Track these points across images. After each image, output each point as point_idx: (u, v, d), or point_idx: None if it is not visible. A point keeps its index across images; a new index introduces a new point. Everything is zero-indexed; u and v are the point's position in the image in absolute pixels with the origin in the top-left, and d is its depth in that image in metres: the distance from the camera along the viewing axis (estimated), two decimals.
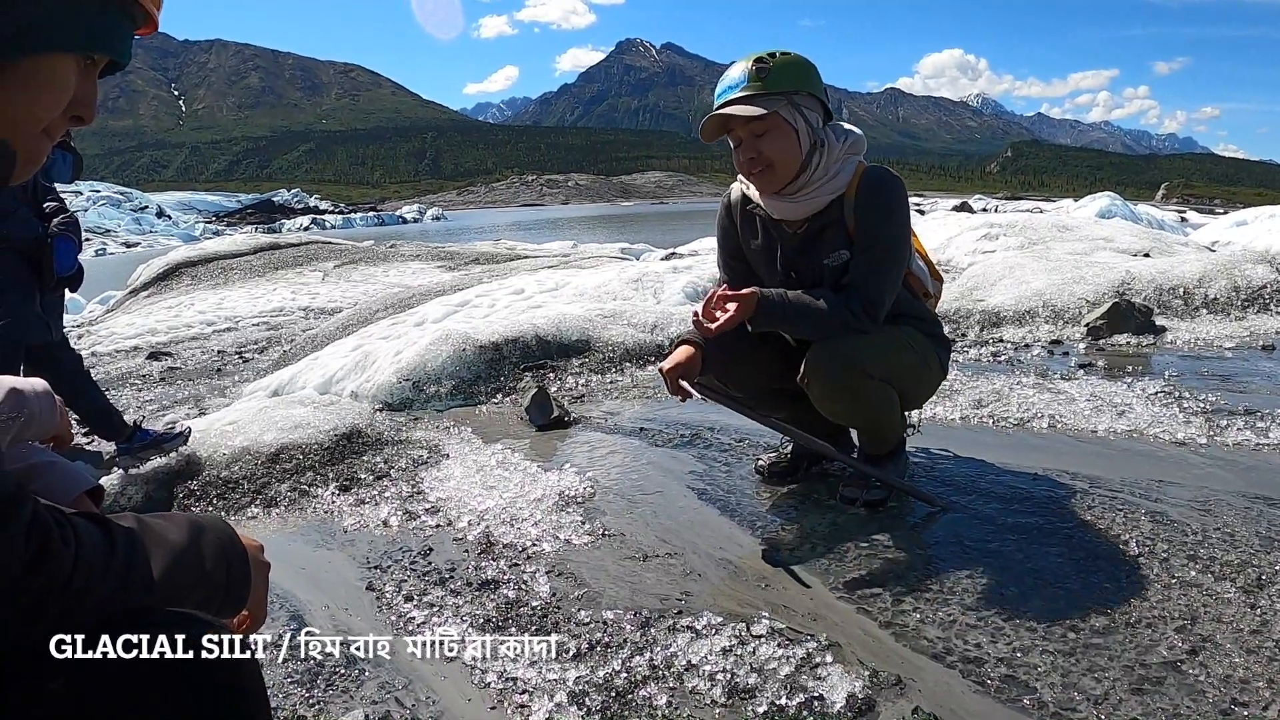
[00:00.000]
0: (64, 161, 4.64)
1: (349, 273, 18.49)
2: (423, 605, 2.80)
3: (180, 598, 1.20)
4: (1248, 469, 3.40)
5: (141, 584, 1.15)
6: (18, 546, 1.01)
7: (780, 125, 2.99)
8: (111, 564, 1.11)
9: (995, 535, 2.94)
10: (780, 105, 2.98)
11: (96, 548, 1.10)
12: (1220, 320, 6.14)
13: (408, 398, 5.49)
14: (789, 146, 3.01)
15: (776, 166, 3.04)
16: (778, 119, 2.99)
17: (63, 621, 1.07)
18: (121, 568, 1.12)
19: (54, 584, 1.04)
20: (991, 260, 8.12)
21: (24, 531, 1.02)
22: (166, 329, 12.94)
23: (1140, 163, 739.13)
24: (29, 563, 1.02)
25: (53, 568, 1.04)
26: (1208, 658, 2.18)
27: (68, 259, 4.53)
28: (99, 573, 1.09)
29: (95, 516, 1.16)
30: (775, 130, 3.00)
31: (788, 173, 3.06)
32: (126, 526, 1.18)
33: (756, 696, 2.16)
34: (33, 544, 1.02)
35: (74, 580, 1.06)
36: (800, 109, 3.01)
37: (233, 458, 4.38)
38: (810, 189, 3.08)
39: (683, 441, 4.23)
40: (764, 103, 2.96)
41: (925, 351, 3.23)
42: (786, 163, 3.03)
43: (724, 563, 2.93)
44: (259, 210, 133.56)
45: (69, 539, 1.07)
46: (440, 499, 3.72)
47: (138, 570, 1.15)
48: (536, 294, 8.53)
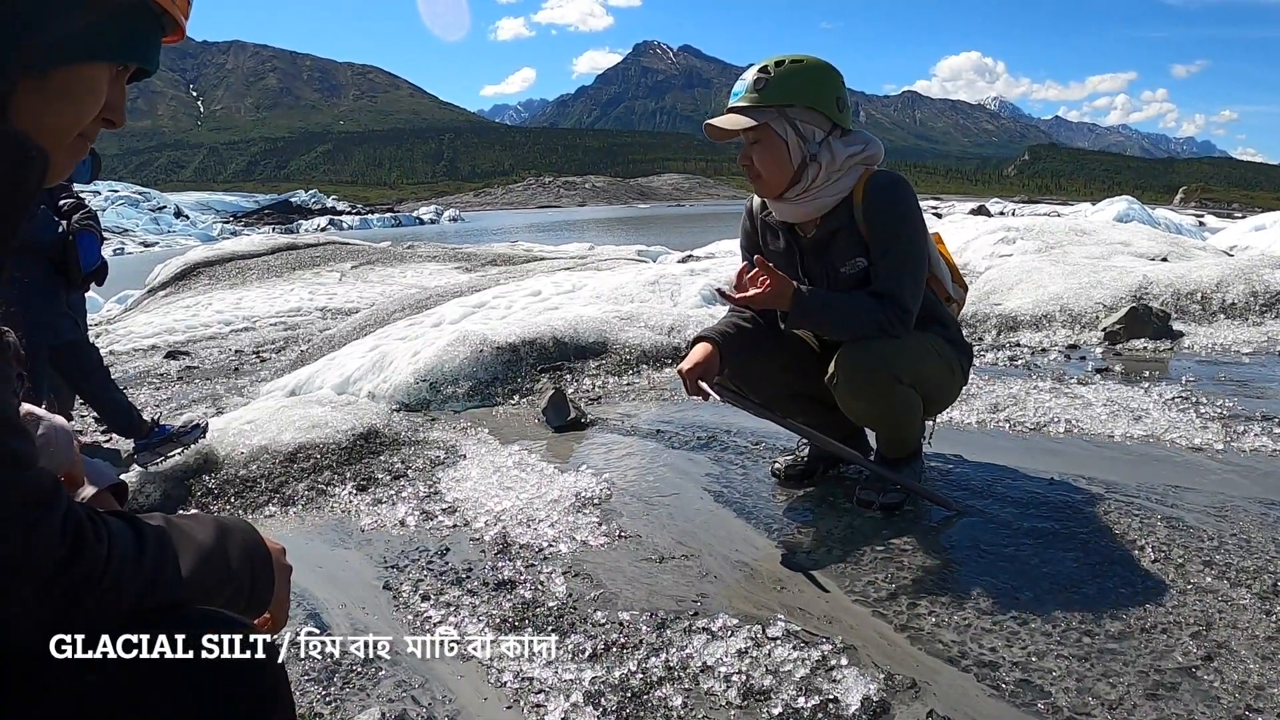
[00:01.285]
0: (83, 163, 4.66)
1: (366, 273, 18.56)
2: (439, 605, 2.81)
3: (207, 598, 1.21)
4: (1265, 475, 3.38)
5: (169, 583, 1.16)
6: (54, 541, 1.03)
7: (770, 138, 3.02)
8: (142, 562, 1.13)
9: (1011, 539, 2.94)
10: (771, 118, 3.00)
11: (127, 546, 1.12)
12: (1238, 325, 6.11)
13: (425, 398, 5.51)
14: (778, 159, 3.04)
15: (765, 177, 3.08)
16: (768, 130, 3.02)
17: (94, 618, 1.08)
18: (151, 566, 1.14)
19: (88, 580, 1.06)
20: (1009, 264, 8.11)
21: (59, 526, 1.04)
22: (184, 328, 13.02)
23: (1158, 166, 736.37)
24: (64, 558, 1.03)
25: (86, 563, 1.06)
26: (1223, 664, 2.17)
27: (91, 254, 4.58)
28: (130, 570, 1.11)
29: (125, 515, 1.18)
30: (765, 142, 3.03)
31: (777, 183, 3.08)
32: (156, 525, 1.20)
33: (772, 698, 2.17)
34: (67, 539, 1.04)
35: (106, 577, 1.08)
36: (793, 122, 3.02)
37: (251, 456, 4.41)
38: (808, 194, 3.09)
39: (699, 444, 4.24)
40: (755, 115, 3.01)
41: (950, 358, 3.23)
42: (774, 174, 3.06)
43: (740, 565, 2.94)
44: (276, 211, 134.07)
45: (101, 536, 1.09)
46: (457, 499, 3.74)
47: (166, 569, 1.16)
48: (553, 295, 8.56)
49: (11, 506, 1.01)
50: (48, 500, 1.05)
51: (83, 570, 1.06)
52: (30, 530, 1.02)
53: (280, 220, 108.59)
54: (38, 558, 1.02)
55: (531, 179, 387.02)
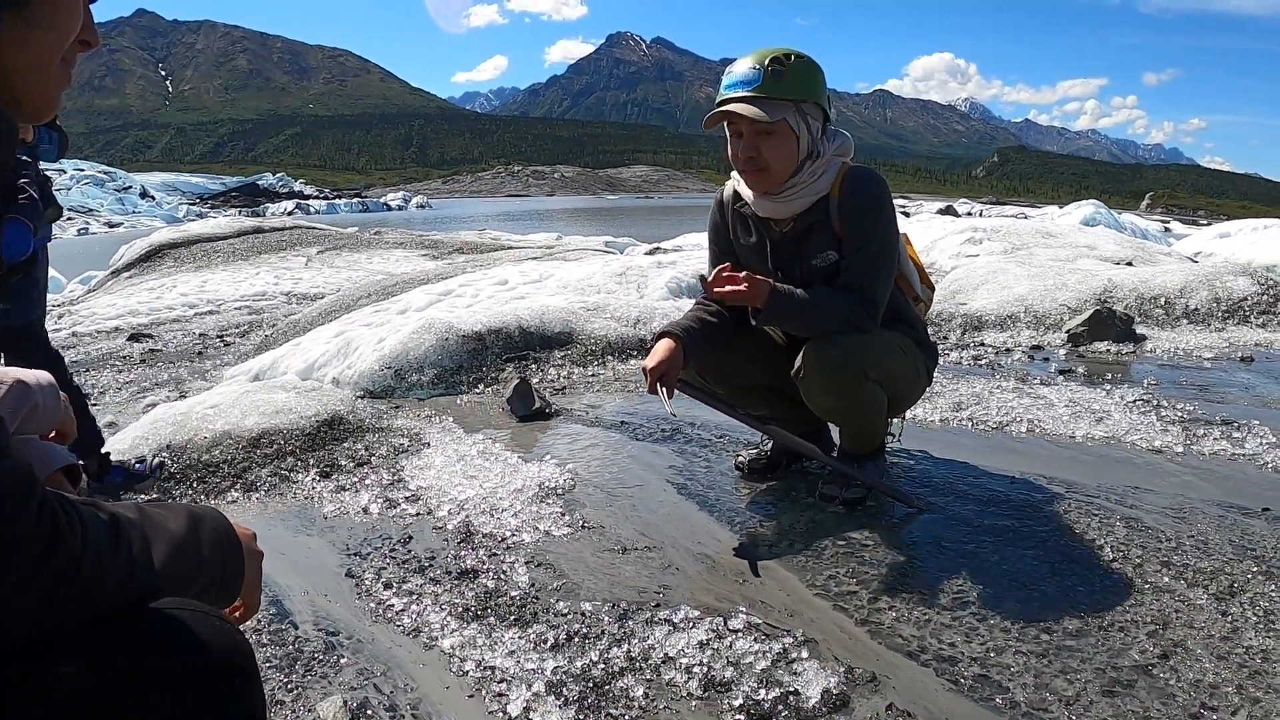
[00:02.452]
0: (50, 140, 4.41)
1: (332, 259, 18.43)
2: (402, 593, 2.80)
3: (181, 588, 1.19)
4: (1223, 478, 3.43)
5: (145, 573, 1.14)
6: (30, 534, 1.00)
7: (785, 132, 3.03)
8: (118, 553, 1.11)
9: (972, 536, 2.96)
10: (789, 112, 3.01)
11: (103, 536, 1.10)
12: (1200, 330, 6.19)
13: (389, 385, 5.48)
14: (788, 152, 3.05)
15: (772, 169, 3.07)
16: (784, 125, 3.02)
17: (75, 611, 1.06)
18: (126, 557, 1.12)
19: (66, 572, 1.03)
20: (975, 264, 8.17)
21: (34, 518, 1.01)
22: (148, 310, 12.88)
23: (1126, 172, 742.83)
24: (41, 552, 1.01)
25: (64, 556, 1.03)
26: (1179, 662, 2.20)
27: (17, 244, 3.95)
28: (107, 561, 1.09)
29: (97, 504, 1.16)
30: (779, 135, 3.03)
31: (782, 176, 3.09)
32: (129, 516, 1.18)
33: (732, 690, 2.17)
34: (44, 531, 1.02)
35: (84, 569, 1.05)
36: (806, 117, 3.05)
37: (213, 441, 4.36)
38: (795, 190, 3.11)
39: (663, 436, 4.24)
40: (774, 109, 2.99)
41: (916, 357, 3.26)
42: (781, 167, 3.07)
43: (702, 557, 2.95)
44: (243, 193, 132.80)
45: (75, 526, 1.06)
46: (421, 487, 3.72)
47: (140, 559, 1.14)
48: (520, 285, 8.53)
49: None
50: (23, 491, 1.02)
51: (60, 563, 1.03)
52: (6, 522, 0.99)
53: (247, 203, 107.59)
54: (15, 552, 0.99)
55: (501, 167, 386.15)
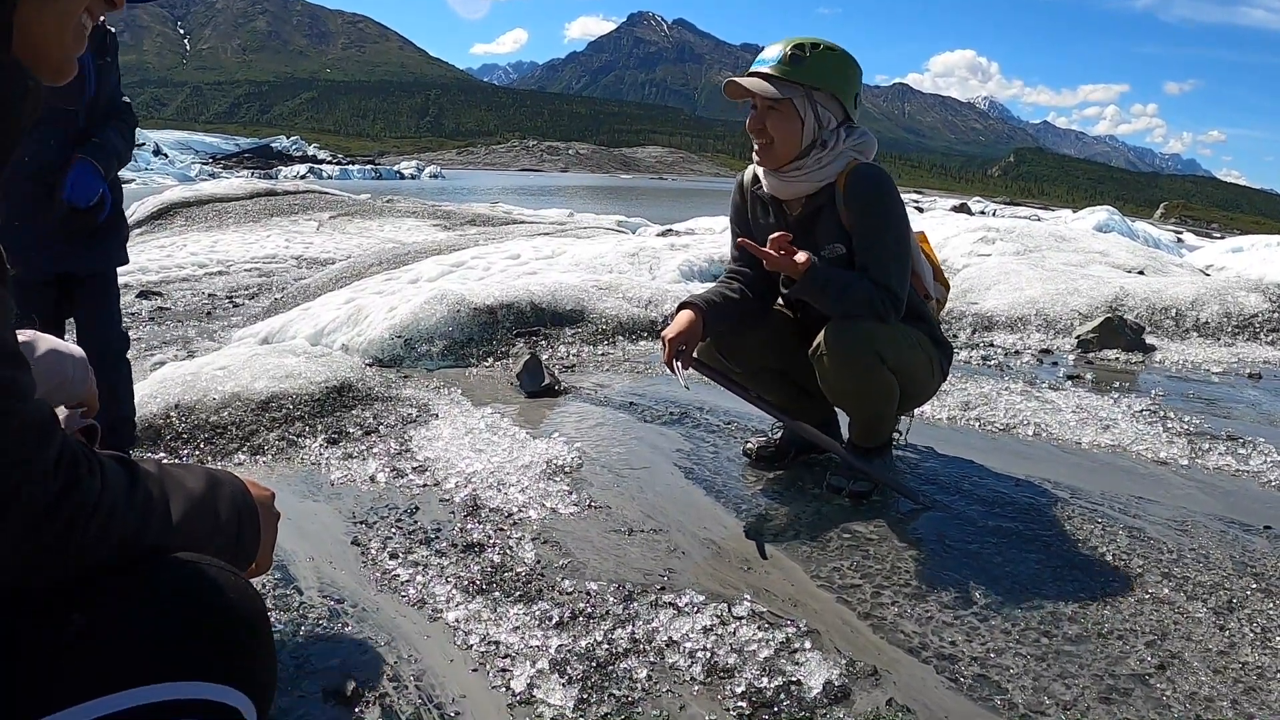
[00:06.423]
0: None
1: (344, 224, 18.39)
2: (407, 564, 2.82)
3: (196, 547, 1.22)
4: (1226, 493, 3.44)
5: (160, 525, 1.17)
6: (49, 473, 1.03)
7: (790, 111, 3.11)
8: (134, 501, 1.13)
9: (975, 537, 2.98)
10: (796, 94, 3.09)
11: (120, 484, 1.12)
12: (1210, 344, 6.19)
13: (399, 354, 5.50)
14: (791, 131, 3.13)
15: (775, 145, 3.16)
16: (789, 105, 3.10)
17: (87, 555, 1.08)
18: (142, 507, 1.14)
19: (80, 514, 1.06)
20: (987, 264, 8.16)
21: (54, 459, 1.04)
22: (158, 268, 12.87)
23: (1142, 180, 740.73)
24: (58, 491, 1.04)
25: (79, 497, 1.06)
26: (1175, 674, 2.22)
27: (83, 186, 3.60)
28: (121, 509, 1.11)
29: (120, 457, 1.18)
30: (784, 113, 3.12)
31: (785, 154, 3.17)
32: (149, 470, 1.20)
33: (735, 677, 2.19)
34: (61, 472, 1.04)
35: (98, 513, 1.08)
36: (815, 104, 3.12)
37: (222, 403, 4.37)
38: (801, 172, 3.18)
39: (672, 419, 4.26)
40: (783, 88, 3.09)
41: (931, 353, 3.28)
42: (785, 145, 3.15)
43: (708, 542, 2.97)
44: (256, 155, 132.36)
45: (94, 471, 1.09)
46: (428, 458, 3.74)
47: (157, 512, 1.17)
48: (533, 260, 8.53)
49: (8, 437, 1.01)
50: (44, 432, 1.05)
51: (75, 504, 1.06)
52: (26, 462, 1.01)
53: (260, 165, 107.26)
54: (32, 489, 1.01)
55: (516, 141, 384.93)
